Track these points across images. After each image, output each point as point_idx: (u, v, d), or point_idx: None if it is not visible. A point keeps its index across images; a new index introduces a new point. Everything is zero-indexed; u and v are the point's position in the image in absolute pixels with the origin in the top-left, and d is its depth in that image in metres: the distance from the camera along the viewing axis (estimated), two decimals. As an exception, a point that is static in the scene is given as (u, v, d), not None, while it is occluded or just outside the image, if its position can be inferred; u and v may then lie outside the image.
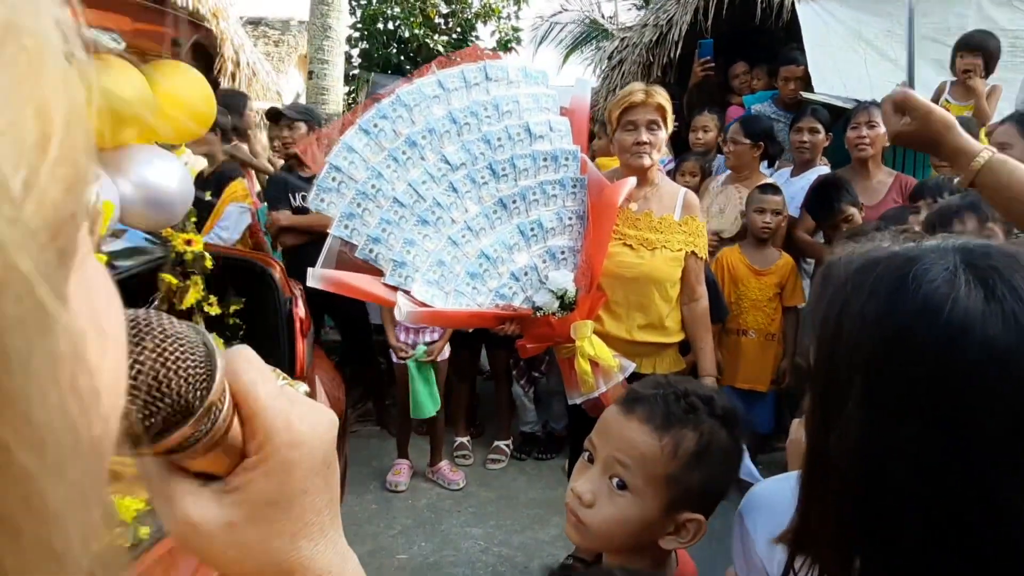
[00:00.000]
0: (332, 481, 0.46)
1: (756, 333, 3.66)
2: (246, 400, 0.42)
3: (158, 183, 2.13)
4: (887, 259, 0.67)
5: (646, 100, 2.51)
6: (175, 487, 0.42)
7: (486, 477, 4.03)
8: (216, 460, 0.42)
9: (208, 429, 0.40)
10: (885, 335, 0.63)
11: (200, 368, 0.38)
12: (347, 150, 2.40)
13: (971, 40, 3.89)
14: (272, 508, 0.43)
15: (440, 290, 2.39)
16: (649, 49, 5.66)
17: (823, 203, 3.49)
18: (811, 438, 0.72)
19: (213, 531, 0.42)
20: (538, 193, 2.55)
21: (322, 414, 0.46)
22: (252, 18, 12.42)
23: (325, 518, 0.46)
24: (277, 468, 0.43)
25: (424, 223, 2.42)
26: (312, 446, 0.44)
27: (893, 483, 0.63)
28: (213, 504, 0.43)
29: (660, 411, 1.08)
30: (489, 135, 2.51)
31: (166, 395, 0.37)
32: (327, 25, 6.89)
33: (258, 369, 0.44)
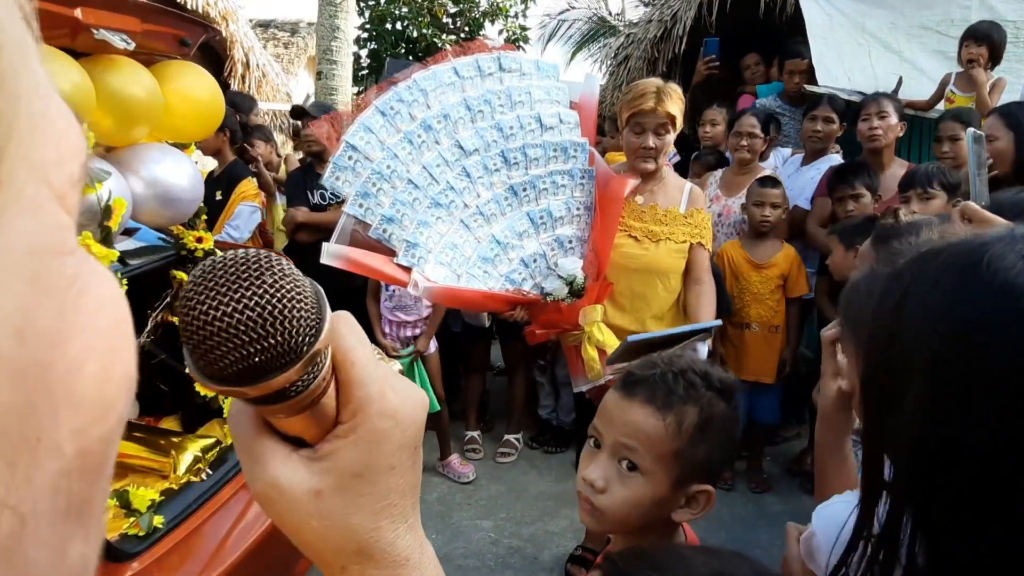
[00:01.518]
0: (418, 464, 0.45)
1: (759, 326, 3.67)
2: (344, 363, 0.41)
3: (169, 180, 2.18)
4: (951, 247, 0.63)
5: (656, 108, 2.49)
6: (266, 447, 0.42)
7: (496, 470, 4.06)
8: (308, 424, 0.41)
9: (309, 381, 0.39)
10: (955, 325, 0.59)
11: (312, 313, 0.38)
12: (364, 130, 2.42)
13: (977, 30, 3.88)
14: (358, 480, 0.42)
15: (452, 272, 2.43)
16: (654, 45, 5.68)
17: (840, 176, 3.49)
18: (867, 442, 0.70)
19: (299, 497, 0.41)
20: (548, 182, 2.60)
21: (416, 391, 0.45)
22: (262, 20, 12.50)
23: (408, 502, 0.44)
24: (367, 437, 0.42)
25: (437, 206, 2.45)
26: (405, 420, 0.43)
27: (957, 482, 0.59)
28: (302, 469, 0.41)
29: (661, 391, 1.11)
30: (502, 123, 2.56)
31: (278, 332, 0.37)
32: (335, 26, 6.93)
33: (357, 335, 0.43)
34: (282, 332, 0.37)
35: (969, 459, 0.58)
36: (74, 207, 0.25)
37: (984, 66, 3.81)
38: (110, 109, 2.03)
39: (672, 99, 2.53)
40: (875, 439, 0.68)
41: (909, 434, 0.61)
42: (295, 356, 0.38)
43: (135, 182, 2.12)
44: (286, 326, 0.37)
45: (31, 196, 0.23)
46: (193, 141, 2.51)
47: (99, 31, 1.91)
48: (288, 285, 0.37)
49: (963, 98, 3.89)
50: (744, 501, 3.67)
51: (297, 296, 0.37)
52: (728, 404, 1.14)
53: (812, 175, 3.93)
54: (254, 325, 0.36)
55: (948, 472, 0.59)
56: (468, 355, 4.33)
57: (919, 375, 0.60)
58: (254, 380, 0.37)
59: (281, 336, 0.37)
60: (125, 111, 2.09)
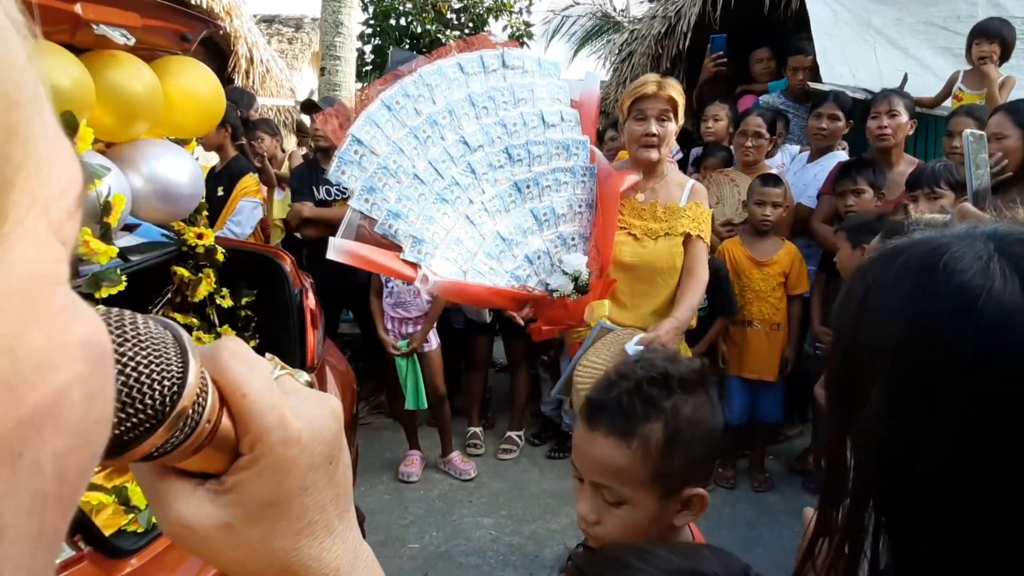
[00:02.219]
0: (337, 476, 0.44)
1: (761, 324, 3.66)
2: (234, 396, 0.39)
3: (169, 176, 2.17)
4: (911, 247, 0.63)
5: (657, 92, 2.50)
6: (167, 488, 0.40)
7: (498, 467, 4.06)
8: (209, 459, 0.40)
9: (186, 434, 0.37)
10: (913, 329, 0.59)
11: (168, 371, 0.35)
12: (369, 124, 2.42)
13: (988, 27, 3.85)
14: (270, 509, 0.41)
15: (458, 268, 2.43)
16: (658, 41, 5.65)
17: (844, 171, 3.48)
18: (830, 437, 0.69)
19: (210, 533, 0.40)
20: (551, 180, 2.60)
21: (322, 406, 0.43)
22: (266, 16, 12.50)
23: (331, 515, 0.43)
24: (271, 467, 0.40)
25: (443, 201, 2.45)
26: (310, 442, 0.41)
27: (920, 482, 0.59)
28: (208, 504, 0.40)
29: (620, 418, 1.08)
30: (506, 119, 2.57)
31: (126, 404, 0.34)
32: (339, 21, 6.92)
33: (246, 361, 0.41)
34: (131, 404, 0.34)
35: (931, 460, 0.58)
36: (70, 238, 0.26)
37: (995, 63, 3.78)
38: (110, 105, 2.02)
39: (673, 87, 2.53)
40: (838, 439, 0.67)
41: (872, 436, 0.61)
42: (156, 421, 0.35)
43: (135, 178, 2.11)
44: (134, 396, 0.34)
45: (32, 228, 0.24)
46: (194, 137, 2.51)
47: (99, 26, 1.91)
48: (132, 352, 0.34)
49: (972, 95, 3.87)
50: (746, 500, 3.66)
51: (145, 360, 0.35)
52: (695, 399, 1.11)
53: (816, 172, 3.92)
54: None
55: (910, 473, 0.59)
56: (470, 351, 4.32)
57: (880, 377, 0.60)
58: (115, 453, 0.35)
59: (132, 408, 0.34)
60: (125, 107, 2.08)
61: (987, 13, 4.28)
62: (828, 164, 3.86)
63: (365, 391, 4.58)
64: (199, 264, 2.69)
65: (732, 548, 1.11)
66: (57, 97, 1.81)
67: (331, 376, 2.96)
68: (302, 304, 2.84)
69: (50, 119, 0.25)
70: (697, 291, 2.59)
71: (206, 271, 2.68)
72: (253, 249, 3.02)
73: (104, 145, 2.23)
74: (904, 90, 3.89)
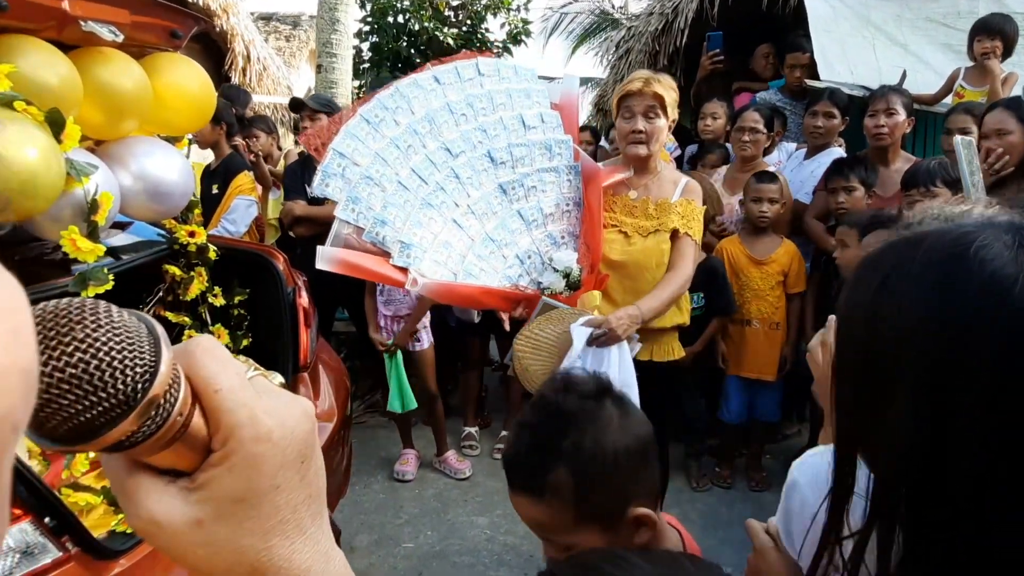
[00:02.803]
0: (309, 476, 0.44)
1: (760, 323, 3.64)
2: (205, 393, 0.40)
3: (158, 174, 2.15)
4: (933, 235, 0.60)
5: (642, 89, 2.48)
6: (137, 483, 0.40)
7: (493, 467, 4.04)
8: (180, 455, 0.40)
9: (158, 424, 0.37)
10: (945, 318, 0.56)
11: (140, 359, 0.36)
12: (350, 137, 2.45)
13: (990, 23, 3.83)
14: (240, 505, 0.41)
15: (448, 270, 2.43)
16: (655, 38, 5.63)
17: (837, 167, 3.47)
18: (842, 436, 0.66)
19: (179, 529, 0.40)
20: (535, 180, 2.62)
21: (294, 406, 0.43)
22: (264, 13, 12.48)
23: (303, 515, 0.43)
24: (242, 464, 0.40)
25: (428, 206, 2.47)
26: (281, 440, 0.41)
27: (956, 487, 0.56)
28: (178, 501, 0.40)
29: (525, 474, 1.06)
30: (485, 124, 2.62)
31: (98, 388, 0.34)
32: (335, 19, 6.90)
33: (219, 360, 0.41)
34: (103, 388, 0.35)
35: (963, 465, 0.55)
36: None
37: (997, 59, 3.76)
38: (99, 102, 2.01)
39: (662, 84, 2.51)
40: (849, 440, 0.65)
41: (899, 439, 0.58)
42: (127, 407, 0.36)
43: (124, 176, 2.09)
44: (106, 380, 0.35)
45: None
46: (185, 134, 2.49)
47: (87, 23, 1.89)
48: (104, 336, 0.35)
49: (973, 92, 3.85)
50: (743, 499, 3.65)
51: (117, 346, 0.35)
52: (598, 421, 1.06)
53: (812, 169, 3.90)
54: (69, 386, 0.34)
55: (940, 472, 0.56)
56: (465, 351, 4.31)
57: (907, 369, 0.57)
58: (87, 438, 0.35)
59: (104, 392, 0.35)
60: (114, 104, 2.06)
61: (988, 9, 4.26)
62: (824, 161, 3.84)
63: (360, 390, 4.57)
64: (191, 262, 2.67)
65: (729, 547, 1.10)
66: (44, 94, 1.79)
67: (324, 374, 2.94)
68: (295, 303, 2.82)
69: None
70: (672, 285, 2.50)
71: (198, 269, 2.67)
72: (246, 247, 3.00)
73: (93, 143, 2.21)
74: (903, 87, 3.87)
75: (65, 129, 1.74)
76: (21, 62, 1.74)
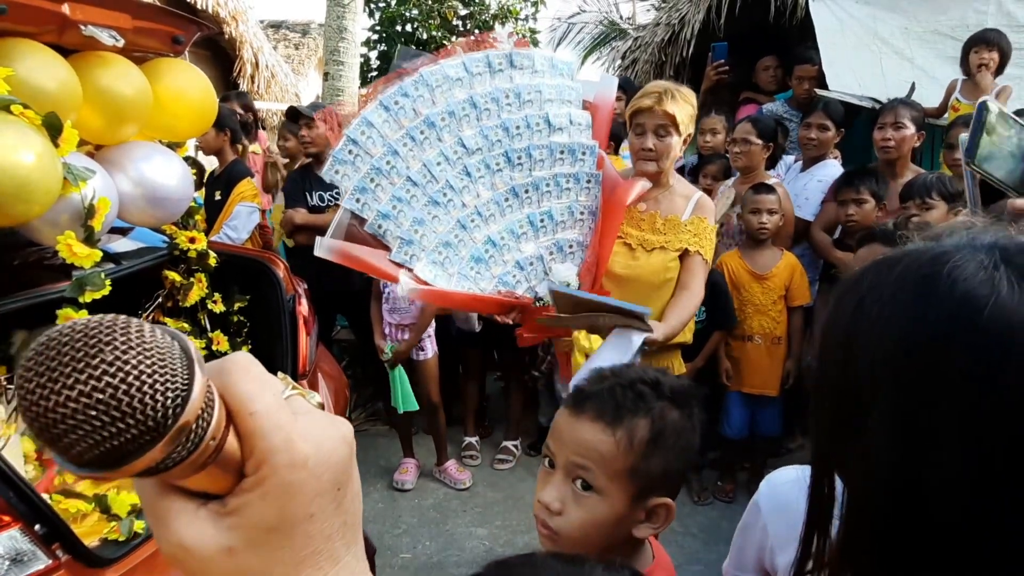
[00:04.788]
0: (346, 503, 0.42)
1: (762, 338, 3.59)
2: (240, 414, 0.38)
3: (157, 180, 2.15)
4: (909, 256, 0.59)
5: (654, 107, 2.42)
6: (168, 506, 0.39)
7: (493, 477, 4.02)
8: (213, 478, 0.38)
9: (189, 450, 0.36)
10: (915, 338, 0.55)
11: (172, 383, 0.34)
12: (366, 124, 2.38)
13: (987, 36, 3.84)
14: (273, 535, 0.39)
15: (443, 271, 2.38)
16: (661, 48, 5.63)
17: (847, 179, 3.44)
18: (818, 460, 0.65)
19: (210, 556, 0.38)
20: (551, 185, 2.54)
21: (332, 428, 0.42)
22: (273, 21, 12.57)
23: (337, 544, 0.42)
24: (276, 491, 0.39)
25: (435, 204, 2.42)
26: (317, 467, 0.40)
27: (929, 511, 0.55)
28: (209, 526, 0.39)
29: (609, 405, 1.07)
30: (508, 122, 2.50)
31: (127, 414, 0.33)
32: (343, 27, 6.91)
33: (256, 378, 0.39)
34: (131, 414, 0.33)
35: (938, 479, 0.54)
36: None
37: (993, 72, 3.76)
38: (98, 107, 2.00)
39: (676, 101, 2.44)
40: (825, 463, 0.64)
41: (871, 465, 0.57)
42: (156, 434, 0.34)
43: (122, 181, 2.08)
44: (135, 406, 0.33)
45: None
46: (185, 140, 2.49)
47: (87, 27, 1.88)
48: (135, 359, 0.33)
49: (968, 106, 3.83)
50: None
51: (148, 370, 0.33)
52: (682, 412, 1.10)
53: (807, 181, 3.89)
54: (96, 412, 0.32)
55: (915, 497, 0.55)
56: (467, 360, 4.29)
57: (880, 390, 0.56)
58: (114, 465, 0.34)
59: (132, 419, 0.33)
60: (113, 109, 2.06)
61: (997, 21, 4.25)
62: (820, 173, 3.83)
63: (362, 398, 4.56)
64: (191, 268, 2.67)
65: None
66: (42, 98, 1.79)
67: (323, 382, 2.93)
68: (295, 310, 2.81)
69: None
70: (686, 306, 2.47)
71: (198, 275, 2.66)
72: (246, 254, 3.00)
73: (92, 147, 2.21)
74: (912, 100, 3.86)
75: (63, 133, 1.74)
76: (19, 66, 1.73)
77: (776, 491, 1.02)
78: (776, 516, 0.99)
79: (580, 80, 2.71)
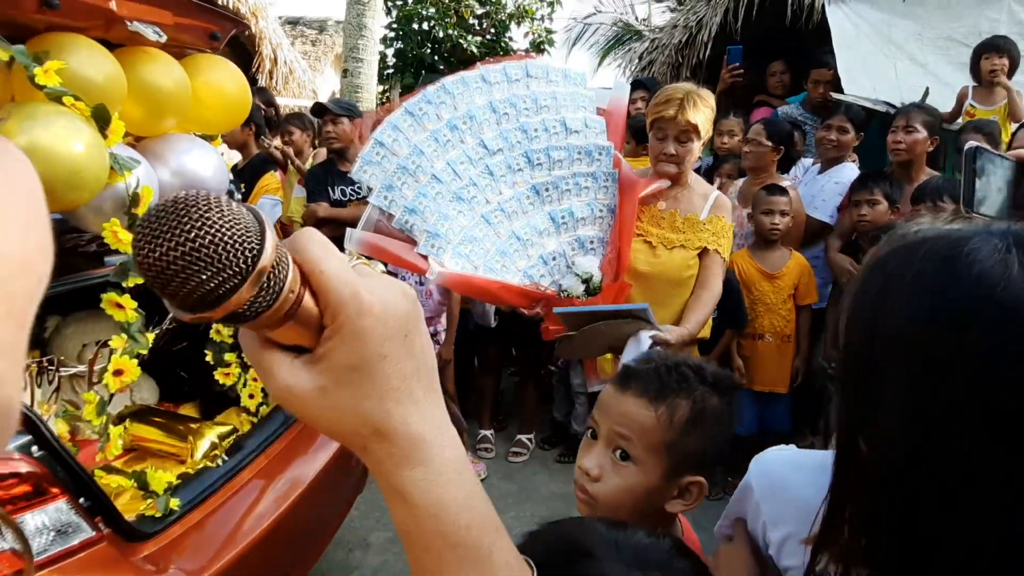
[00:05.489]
0: (415, 350, 0.49)
1: (772, 336, 3.65)
2: (312, 274, 0.45)
3: (195, 171, 2.23)
4: (931, 240, 0.64)
5: (676, 117, 2.48)
6: (272, 359, 0.47)
7: (508, 470, 4.08)
8: (299, 333, 0.46)
9: (272, 297, 0.43)
10: (934, 314, 0.60)
11: (248, 237, 0.41)
12: (392, 128, 2.50)
13: (996, 43, 3.88)
14: (355, 373, 0.46)
15: (470, 263, 2.46)
16: (679, 50, 5.67)
17: (862, 181, 3.48)
18: (843, 431, 0.69)
19: (307, 395, 0.47)
20: (571, 184, 2.62)
21: (394, 286, 0.49)
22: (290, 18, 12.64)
23: (414, 385, 0.49)
24: (350, 336, 0.46)
25: (459, 200, 2.50)
26: (383, 314, 0.46)
27: (943, 481, 0.59)
28: (304, 372, 0.47)
29: (653, 383, 1.14)
30: (526, 125, 2.60)
31: (214, 259, 0.40)
32: (362, 24, 7.00)
33: (323, 246, 0.46)
34: (218, 259, 0.40)
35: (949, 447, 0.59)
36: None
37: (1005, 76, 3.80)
38: (141, 100, 2.08)
39: (697, 107, 2.49)
40: (852, 431, 0.68)
41: (889, 439, 0.62)
42: (241, 278, 0.41)
43: (162, 171, 2.16)
44: (220, 253, 0.40)
45: None
46: (219, 133, 2.56)
47: (133, 23, 1.96)
48: (216, 217, 0.41)
49: (984, 111, 3.87)
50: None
51: (227, 226, 0.41)
52: (722, 399, 1.16)
53: (824, 183, 3.92)
54: (190, 260, 0.40)
55: (929, 464, 0.60)
56: (483, 355, 4.35)
57: (899, 365, 0.62)
58: (213, 305, 0.42)
59: (219, 264, 0.41)
60: (155, 102, 2.14)
61: (1009, 28, 4.28)
62: (838, 176, 3.86)
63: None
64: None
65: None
66: (91, 91, 1.87)
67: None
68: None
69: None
70: (708, 304, 2.55)
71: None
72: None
73: (133, 139, 2.29)
74: (927, 105, 3.89)
75: (110, 125, 1.82)
76: (70, 59, 1.81)
77: (767, 469, 1.04)
78: (769, 495, 1.01)
79: (594, 88, 2.83)
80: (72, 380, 2.59)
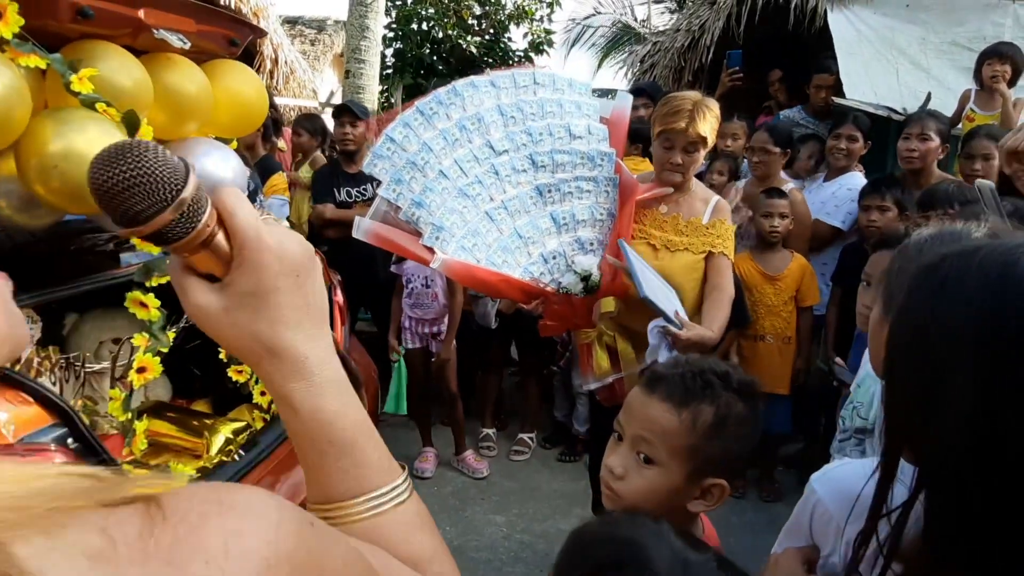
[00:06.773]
0: (306, 289, 0.59)
1: (773, 338, 3.70)
2: (226, 217, 0.56)
3: (216, 174, 2.27)
4: (986, 247, 0.69)
5: (687, 130, 2.50)
6: (188, 281, 0.57)
7: (510, 468, 4.14)
8: (212, 262, 0.56)
9: (191, 225, 0.54)
10: (1000, 316, 0.64)
11: (174, 175, 0.52)
12: (403, 125, 2.59)
13: (1000, 49, 3.92)
14: (252, 298, 0.56)
15: (472, 257, 2.52)
16: (681, 54, 5.73)
17: (873, 186, 3.52)
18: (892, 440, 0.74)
19: (214, 314, 0.57)
20: (573, 187, 2.68)
21: (292, 234, 0.59)
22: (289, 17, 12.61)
23: (303, 317, 0.58)
24: (250, 267, 0.56)
25: (464, 196, 2.56)
26: (280, 253, 0.57)
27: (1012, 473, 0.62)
28: (212, 294, 0.57)
29: (678, 388, 1.18)
30: (532, 129, 2.67)
31: (146, 187, 0.51)
32: (365, 25, 7.03)
33: (238, 197, 0.57)
34: (149, 188, 0.52)
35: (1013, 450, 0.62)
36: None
37: (1006, 83, 3.85)
38: (165, 104, 2.13)
39: (705, 118, 2.52)
40: (899, 435, 0.73)
41: (955, 430, 0.65)
42: (165, 203, 0.52)
43: (185, 174, 2.20)
44: (151, 183, 0.52)
45: None
46: (237, 137, 2.62)
47: (159, 31, 2.01)
48: (152, 157, 0.52)
49: (984, 116, 3.92)
50: (755, 508, 3.72)
51: (159, 165, 0.52)
52: (746, 405, 1.20)
53: (833, 191, 3.97)
54: (128, 187, 0.52)
55: (999, 462, 0.63)
56: (485, 354, 4.41)
57: (965, 364, 0.65)
58: (144, 221, 0.52)
59: (148, 190, 0.52)
60: (179, 107, 2.18)
61: (1014, 33, 4.33)
62: (844, 183, 3.90)
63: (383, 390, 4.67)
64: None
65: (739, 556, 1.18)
66: (120, 96, 1.92)
67: (356, 370, 3.04)
68: (331, 300, 2.93)
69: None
70: (725, 306, 2.56)
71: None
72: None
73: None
74: (935, 111, 3.92)
75: (139, 130, 1.87)
76: (102, 66, 1.86)
77: (831, 477, 1.09)
78: (837, 497, 1.05)
79: (598, 98, 2.90)
80: (89, 376, 2.63)
